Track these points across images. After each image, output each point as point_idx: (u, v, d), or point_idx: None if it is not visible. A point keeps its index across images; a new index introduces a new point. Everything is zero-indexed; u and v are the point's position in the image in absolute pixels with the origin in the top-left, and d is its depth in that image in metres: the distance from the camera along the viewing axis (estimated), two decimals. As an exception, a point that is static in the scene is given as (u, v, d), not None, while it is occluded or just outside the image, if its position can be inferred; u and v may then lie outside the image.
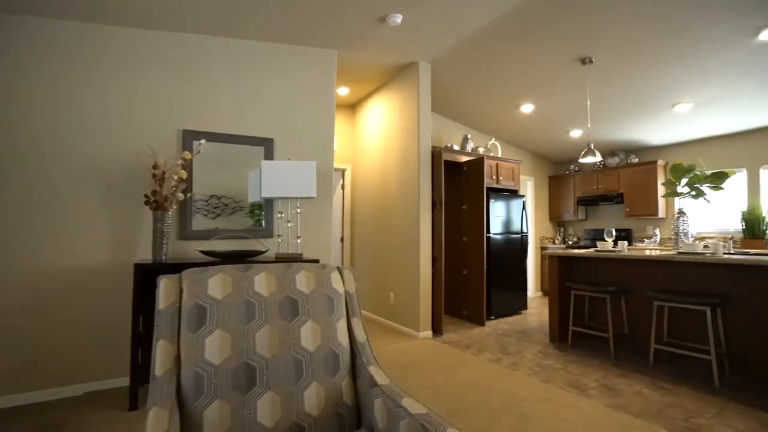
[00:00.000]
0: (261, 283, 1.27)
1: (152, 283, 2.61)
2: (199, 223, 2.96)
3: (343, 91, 4.74)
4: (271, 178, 2.83)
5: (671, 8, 2.77)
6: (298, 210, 3.07)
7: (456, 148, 4.89)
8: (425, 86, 4.04)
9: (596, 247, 4.08)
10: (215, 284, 1.21)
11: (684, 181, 3.45)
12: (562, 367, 3.09)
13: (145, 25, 2.79)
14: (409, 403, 1.05)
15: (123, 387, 2.66)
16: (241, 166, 3.13)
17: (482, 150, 5.40)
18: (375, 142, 4.81)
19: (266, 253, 3.07)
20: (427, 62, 4.00)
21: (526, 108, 4.82)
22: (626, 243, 3.80)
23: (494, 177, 5.07)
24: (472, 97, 4.73)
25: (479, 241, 4.60)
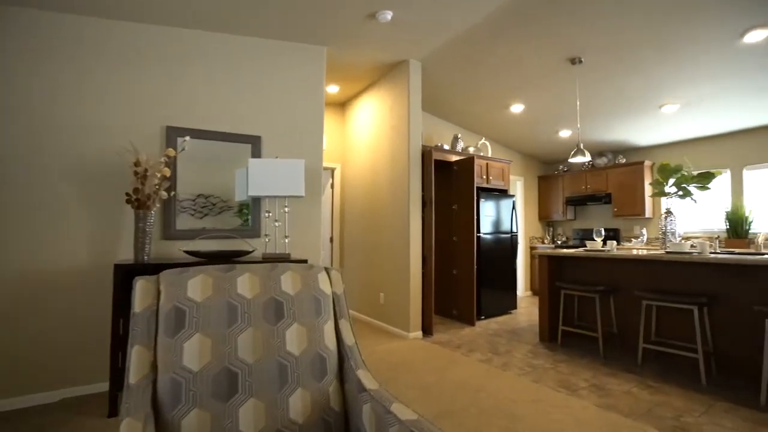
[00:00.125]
0: (244, 284, 1.21)
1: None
2: (186, 222, 2.88)
3: (333, 89, 4.68)
4: (259, 177, 2.76)
5: (659, 10, 2.79)
6: (286, 209, 3.01)
7: (446, 147, 4.87)
8: (416, 85, 4.01)
9: (585, 246, 4.11)
10: (195, 286, 1.15)
11: (671, 181, 3.48)
12: (552, 367, 3.08)
13: (123, 17, 2.70)
14: (398, 409, 1.01)
15: (103, 392, 2.56)
16: (228, 165, 3.05)
17: (472, 149, 5.40)
18: (365, 140, 4.76)
19: (253, 253, 3.00)
20: (417, 60, 3.97)
21: (516, 108, 4.83)
22: (615, 243, 3.83)
23: (484, 177, 5.06)
24: (463, 97, 4.72)
25: (469, 241, 4.58)
